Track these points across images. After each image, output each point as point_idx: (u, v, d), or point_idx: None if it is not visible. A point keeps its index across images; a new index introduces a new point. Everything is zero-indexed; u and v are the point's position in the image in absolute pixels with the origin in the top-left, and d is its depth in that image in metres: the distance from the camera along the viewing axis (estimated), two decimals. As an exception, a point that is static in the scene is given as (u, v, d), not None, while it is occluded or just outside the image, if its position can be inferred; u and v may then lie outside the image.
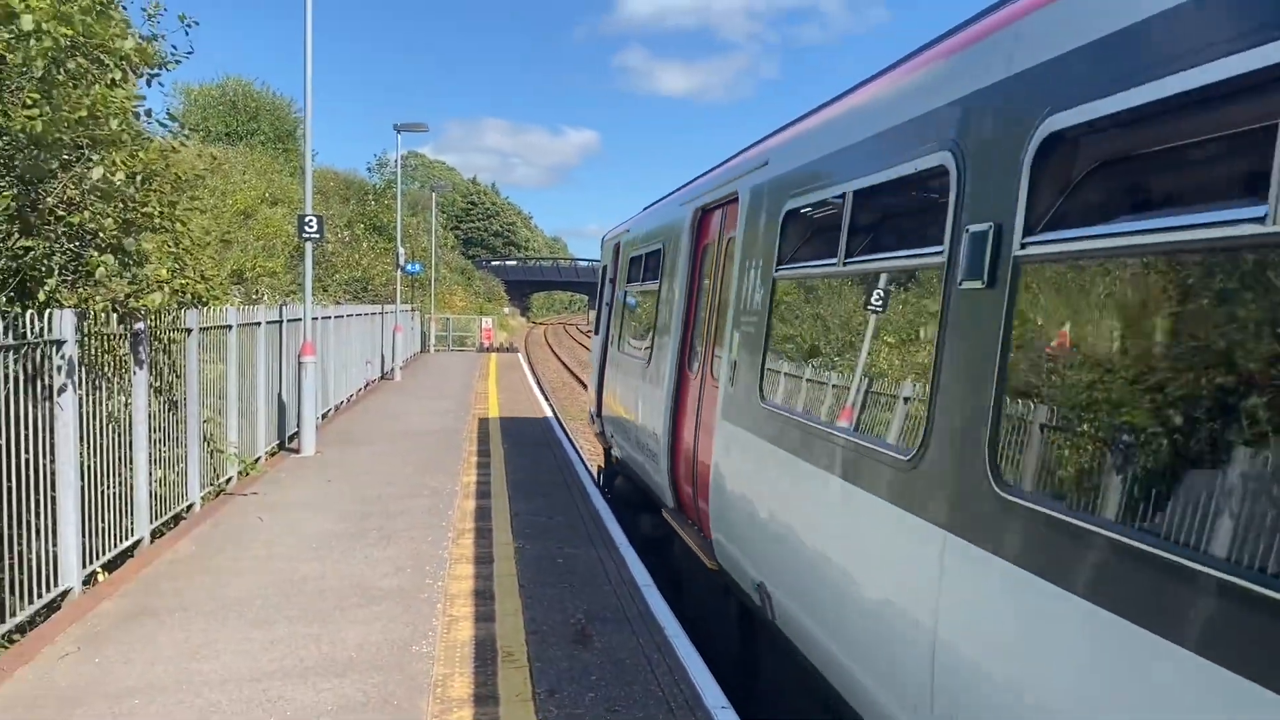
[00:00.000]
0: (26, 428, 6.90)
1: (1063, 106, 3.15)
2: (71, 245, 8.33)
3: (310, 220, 14.68)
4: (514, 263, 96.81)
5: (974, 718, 3.42)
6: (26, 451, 6.91)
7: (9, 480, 6.63)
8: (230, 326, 11.81)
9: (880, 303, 4.82)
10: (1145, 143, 2.96)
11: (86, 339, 7.87)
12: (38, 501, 7.11)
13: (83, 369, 7.73)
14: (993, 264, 3.52)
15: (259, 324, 13.28)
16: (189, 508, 10.45)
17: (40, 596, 7.09)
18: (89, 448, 7.93)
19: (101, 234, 8.08)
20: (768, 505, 6.00)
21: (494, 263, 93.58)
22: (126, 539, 8.71)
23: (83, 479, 7.71)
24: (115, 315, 8.43)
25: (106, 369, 8.39)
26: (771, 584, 5.74)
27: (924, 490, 3.83)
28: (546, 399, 24.48)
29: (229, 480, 11.91)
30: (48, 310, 7.28)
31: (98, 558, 8.08)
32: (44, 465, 7.23)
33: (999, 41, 3.74)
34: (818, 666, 5.04)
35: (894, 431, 4.34)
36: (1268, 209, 2.22)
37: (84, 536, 7.74)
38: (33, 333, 6.94)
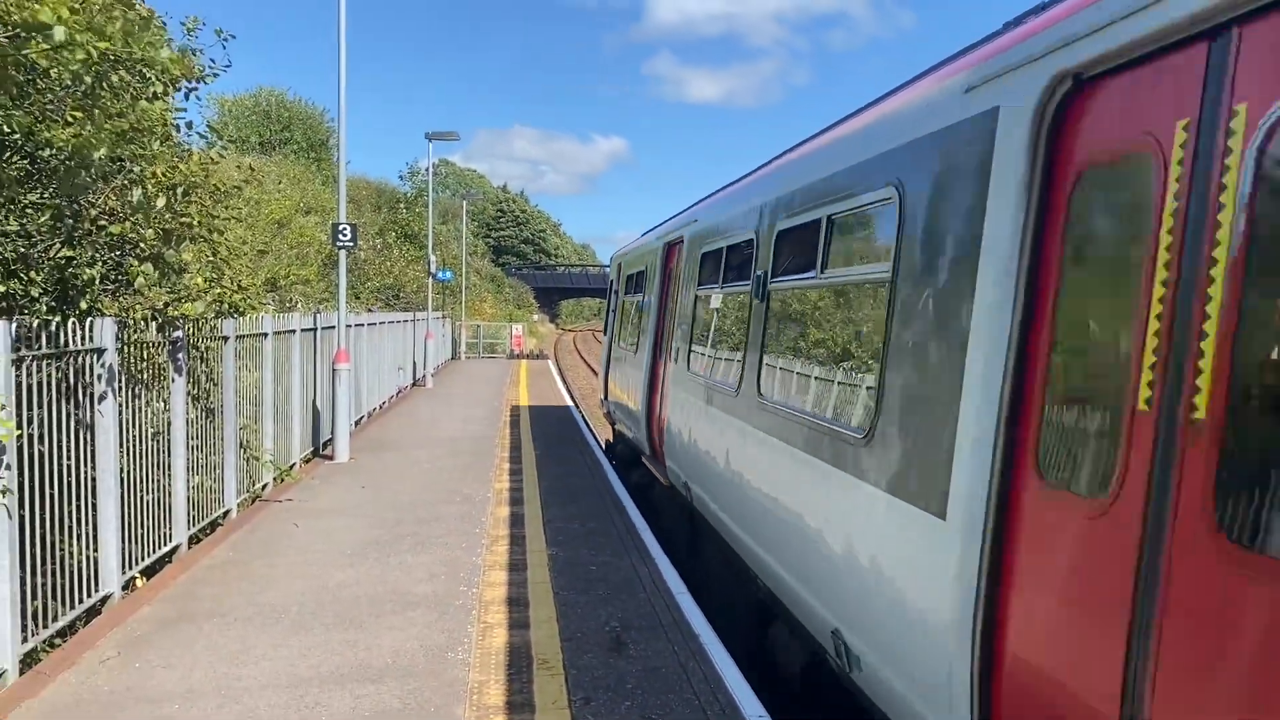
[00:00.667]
0: (68, 435, 7.01)
1: (780, 220, 6.91)
2: (113, 255, 8.44)
3: (344, 228, 14.81)
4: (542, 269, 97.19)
5: (746, 514, 7.13)
6: (68, 458, 7.01)
7: (51, 487, 6.73)
8: (266, 334, 11.93)
9: (734, 310, 8.42)
10: (790, 243, 6.74)
11: (126, 347, 7.98)
12: (78, 507, 7.21)
13: (123, 377, 7.84)
14: (763, 291, 7.12)
15: (294, 332, 13.41)
16: (225, 514, 10.55)
17: (81, 601, 7.19)
18: (128, 454, 8.03)
19: (142, 244, 8.18)
20: (688, 433, 9.62)
21: (523, 270, 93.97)
22: (165, 545, 8.80)
23: (122, 485, 7.81)
24: (154, 324, 8.54)
25: (145, 377, 8.49)
26: (690, 481, 9.44)
27: (741, 405, 7.46)
28: (576, 406, 24.50)
29: (265, 487, 12.02)
30: (89, 319, 7.39)
31: (137, 563, 8.17)
32: (85, 472, 7.33)
33: (771, 179, 7.64)
34: (708, 520, 8.66)
35: (732, 378, 7.90)
36: (815, 273, 5.96)
37: (124, 542, 7.84)
38: (74, 341, 7.04)
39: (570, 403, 24.69)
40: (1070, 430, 3.36)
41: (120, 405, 7.78)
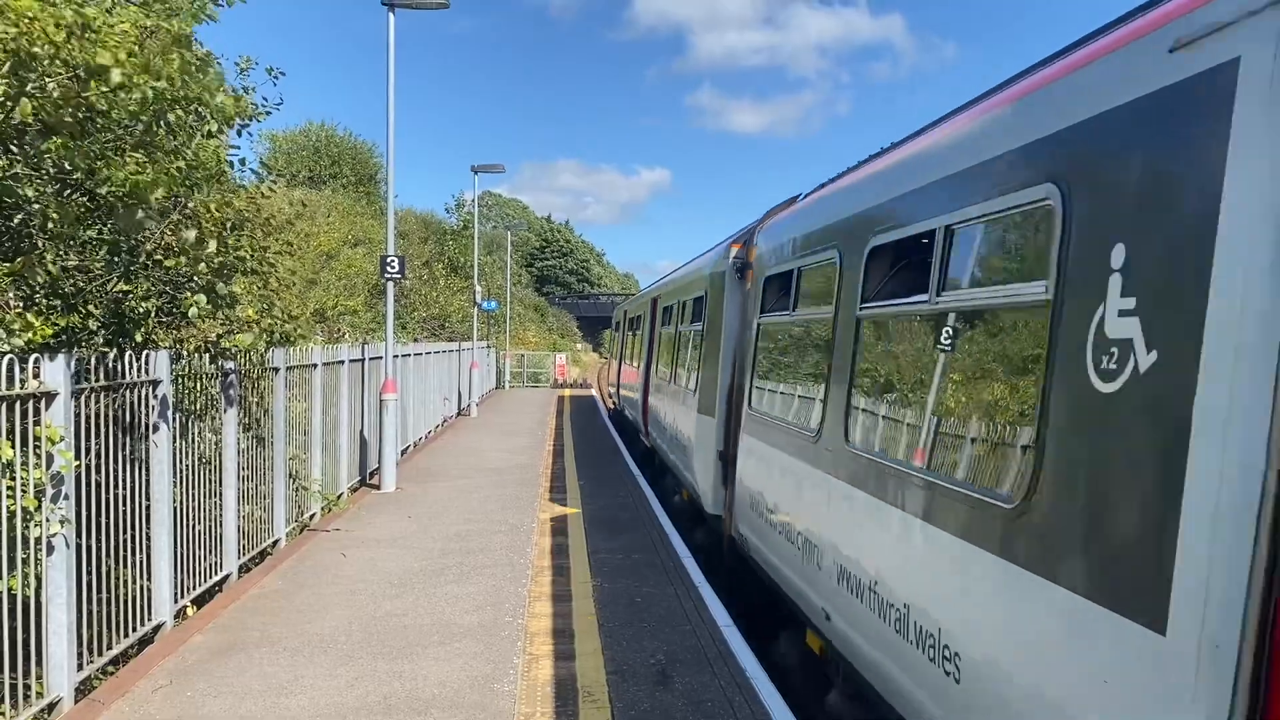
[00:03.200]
0: (123, 465, 7.14)
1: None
2: (167, 288, 8.63)
3: (392, 261, 15.01)
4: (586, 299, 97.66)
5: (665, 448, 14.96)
6: (123, 488, 7.13)
7: (107, 516, 6.85)
8: (315, 365, 12.09)
9: (681, 339, 14.17)
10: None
11: (180, 379, 8.12)
12: (133, 537, 7.33)
13: (176, 408, 7.98)
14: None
15: (342, 362, 13.58)
16: (275, 543, 10.66)
17: (135, 630, 7.29)
18: (181, 484, 8.16)
19: (196, 277, 8.36)
20: (655, 407, 17.25)
21: (567, 299, 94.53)
22: (216, 574, 8.91)
23: (175, 515, 7.93)
24: (207, 355, 8.69)
25: (198, 408, 8.64)
26: (655, 435, 17.07)
27: (681, 396, 13.56)
28: (619, 433, 24.48)
29: (313, 516, 12.14)
30: (144, 351, 7.54)
31: (189, 592, 8.28)
32: (139, 501, 7.46)
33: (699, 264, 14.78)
34: (661, 458, 16.27)
35: (682, 380, 13.36)
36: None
37: (176, 571, 7.95)
38: (130, 373, 7.18)
39: (611, 428, 24.68)
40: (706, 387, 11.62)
41: (174, 436, 7.92)
